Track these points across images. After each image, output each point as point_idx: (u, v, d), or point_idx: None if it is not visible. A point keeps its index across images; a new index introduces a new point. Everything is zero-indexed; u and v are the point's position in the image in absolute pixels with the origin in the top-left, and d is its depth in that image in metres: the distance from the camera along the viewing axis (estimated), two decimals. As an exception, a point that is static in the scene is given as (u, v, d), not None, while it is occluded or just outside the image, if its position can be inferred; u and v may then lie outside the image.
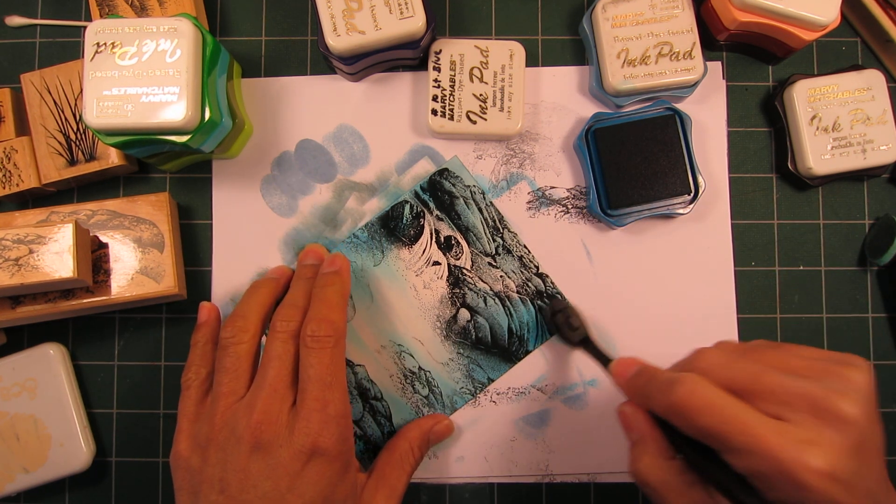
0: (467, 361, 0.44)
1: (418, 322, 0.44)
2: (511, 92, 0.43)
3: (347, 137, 0.45)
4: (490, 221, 0.44)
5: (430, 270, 0.44)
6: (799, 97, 0.43)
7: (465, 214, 0.44)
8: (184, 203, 0.45)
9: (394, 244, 0.44)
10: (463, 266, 0.44)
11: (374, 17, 0.40)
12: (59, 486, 0.44)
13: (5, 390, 0.42)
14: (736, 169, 0.46)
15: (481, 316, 0.44)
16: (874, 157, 0.43)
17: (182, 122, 0.36)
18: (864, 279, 0.46)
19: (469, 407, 0.44)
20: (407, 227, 0.44)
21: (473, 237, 0.44)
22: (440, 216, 0.44)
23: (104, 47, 0.37)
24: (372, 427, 0.43)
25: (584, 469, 0.44)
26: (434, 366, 0.44)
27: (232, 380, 0.36)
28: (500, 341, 0.44)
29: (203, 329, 0.40)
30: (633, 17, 0.43)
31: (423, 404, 0.44)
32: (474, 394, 0.44)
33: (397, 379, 0.44)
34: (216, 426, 0.35)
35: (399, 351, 0.44)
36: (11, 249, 0.37)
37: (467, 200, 0.44)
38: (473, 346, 0.44)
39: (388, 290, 0.44)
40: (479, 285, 0.44)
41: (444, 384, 0.44)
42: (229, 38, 0.46)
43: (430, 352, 0.44)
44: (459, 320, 0.44)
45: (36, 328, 0.45)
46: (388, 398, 0.44)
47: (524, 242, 0.44)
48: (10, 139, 0.42)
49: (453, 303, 0.44)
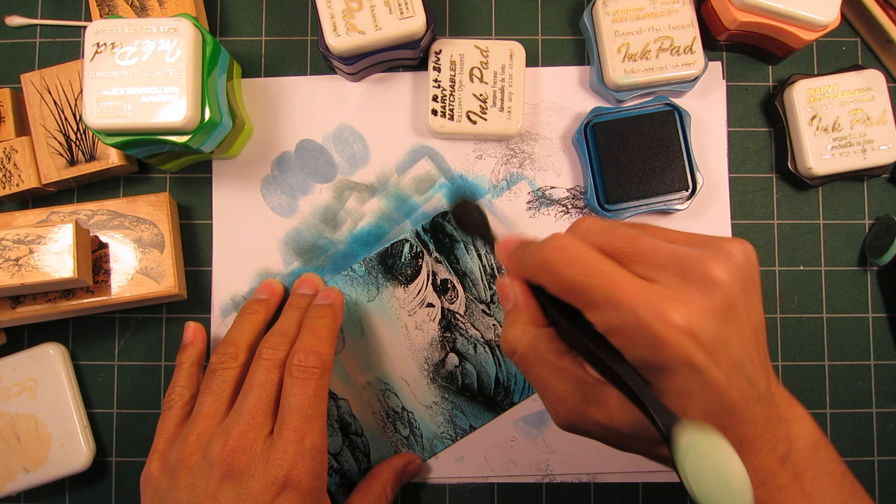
0: (451, 406, 0.44)
1: (406, 362, 0.44)
2: (511, 92, 0.43)
3: (347, 137, 0.45)
4: (488, 269, 0.44)
5: (423, 312, 0.44)
6: (799, 97, 0.43)
7: (463, 259, 0.44)
8: (184, 203, 0.45)
9: (390, 282, 0.44)
10: (456, 311, 0.44)
11: (374, 17, 0.40)
12: (59, 485, 0.44)
13: (5, 390, 0.42)
14: (736, 169, 0.46)
15: (470, 362, 0.44)
16: (874, 157, 0.43)
17: (182, 122, 0.36)
18: (864, 279, 0.46)
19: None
20: (405, 265, 0.44)
21: (470, 283, 0.44)
22: (439, 258, 0.44)
23: (104, 47, 0.37)
24: (349, 462, 0.43)
25: (584, 469, 0.44)
26: (417, 407, 0.44)
27: (214, 401, 0.36)
28: (486, 390, 0.44)
29: (189, 350, 0.40)
30: (633, 11, 0.43)
31: (402, 444, 0.44)
32: (454, 439, 0.44)
33: (380, 417, 0.44)
34: (189, 448, 0.34)
35: (384, 389, 0.44)
36: (11, 249, 0.37)
37: (467, 245, 0.44)
38: (459, 391, 0.44)
39: (380, 326, 0.44)
40: (470, 332, 0.44)
41: (426, 427, 0.44)
42: (229, 38, 0.46)
43: (414, 393, 0.44)
44: (447, 364, 0.44)
45: (36, 328, 0.45)
46: (369, 435, 0.44)
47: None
48: (10, 139, 0.42)
49: (443, 346, 0.44)
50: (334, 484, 0.43)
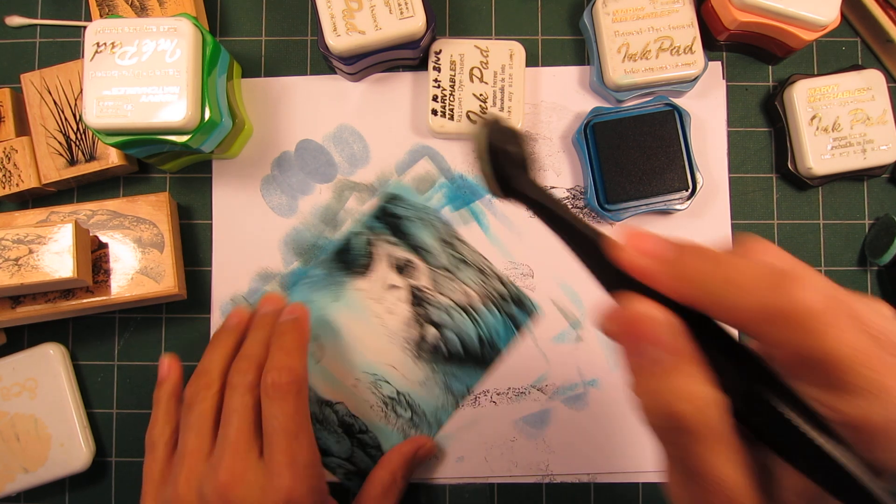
0: (443, 376, 0.44)
1: (388, 348, 0.44)
2: (511, 92, 0.43)
3: (347, 137, 0.45)
4: (442, 236, 0.44)
5: (390, 295, 0.44)
6: (799, 97, 0.43)
7: (416, 233, 0.44)
8: (184, 203, 0.45)
9: (349, 276, 0.44)
10: (422, 285, 0.44)
11: (374, 17, 0.40)
12: (59, 486, 0.44)
13: (5, 390, 0.42)
14: (736, 169, 0.46)
15: (449, 329, 0.44)
16: (874, 157, 0.43)
17: (182, 122, 0.36)
18: (864, 279, 0.46)
19: (469, 407, 0.44)
20: (360, 256, 0.44)
21: (428, 253, 0.44)
22: (392, 241, 0.44)
23: (104, 47, 0.37)
24: (364, 461, 0.43)
25: (584, 469, 0.44)
26: (411, 387, 0.44)
27: (197, 437, 0.35)
28: (471, 350, 0.44)
29: (165, 385, 0.40)
30: (633, 11, 0.43)
31: (408, 426, 0.44)
32: (457, 405, 0.44)
33: (378, 408, 0.44)
34: (181, 490, 0.34)
35: (374, 380, 0.44)
36: (11, 249, 0.37)
37: (417, 217, 0.44)
38: (446, 360, 0.44)
39: (353, 322, 0.44)
40: (441, 300, 0.44)
41: (426, 402, 0.44)
42: (229, 38, 0.46)
43: (404, 375, 0.44)
44: (428, 338, 0.44)
45: (36, 328, 0.45)
46: (374, 428, 0.44)
47: (480, 251, 0.44)
48: (10, 139, 0.42)
49: (419, 322, 0.44)
50: (357, 486, 0.43)
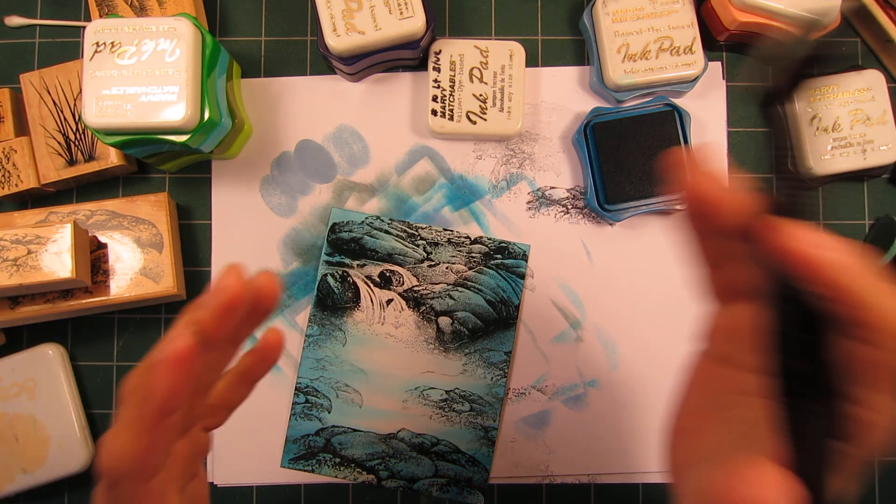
0: (478, 355, 0.44)
1: (415, 357, 0.44)
2: (511, 92, 0.43)
3: (347, 138, 0.45)
4: (401, 234, 0.44)
5: (388, 312, 0.44)
6: (799, 97, 0.43)
7: (378, 245, 0.44)
8: (183, 203, 0.45)
9: (343, 316, 0.44)
10: (411, 286, 0.44)
11: (373, 17, 0.40)
12: (58, 486, 0.44)
13: (4, 391, 0.42)
14: (736, 169, 0.46)
15: (458, 311, 0.44)
16: (874, 158, 0.43)
17: (181, 121, 0.36)
18: (864, 279, 0.46)
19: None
20: (343, 293, 0.44)
21: (399, 256, 0.44)
22: (360, 263, 0.44)
23: (104, 47, 0.37)
24: (452, 469, 0.43)
25: (584, 470, 0.44)
26: (456, 381, 0.44)
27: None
28: (489, 318, 0.44)
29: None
30: (633, 11, 0.43)
31: (473, 417, 0.44)
32: (504, 374, 0.44)
33: (437, 416, 0.44)
34: None
35: (420, 393, 0.44)
36: (10, 250, 0.37)
37: (370, 233, 0.44)
38: (472, 338, 0.44)
39: (371, 353, 0.44)
40: (436, 289, 0.44)
41: (476, 387, 0.44)
42: (229, 38, 0.46)
43: (444, 373, 0.44)
44: (445, 329, 0.44)
45: (35, 328, 0.44)
46: (444, 435, 0.44)
47: (441, 227, 0.44)
48: (9, 139, 0.42)
49: (428, 320, 0.44)
50: (456, 494, 0.43)
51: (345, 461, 0.43)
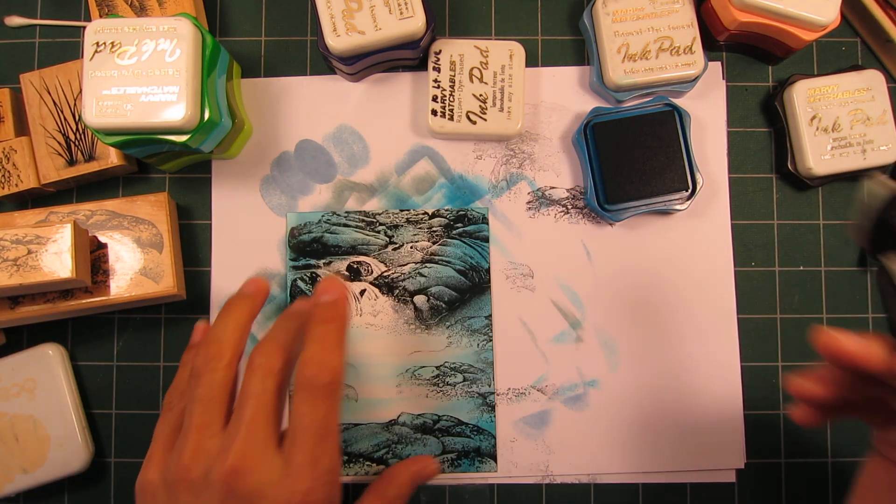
0: (459, 326, 0.44)
1: (399, 341, 0.44)
2: (511, 92, 0.43)
3: (347, 138, 0.45)
4: (360, 224, 0.44)
5: (365, 303, 0.44)
6: (799, 97, 0.43)
7: (339, 240, 0.44)
8: (183, 203, 0.45)
9: None
10: (381, 273, 0.44)
11: (373, 17, 0.40)
12: (58, 486, 0.44)
13: (4, 391, 0.42)
14: (736, 169, 0.46)
15: (431, 287, 0.44)
16: (874, 158, 0.43)
17: (181, 121, 0.36)
18: (864, 279, 0.46)
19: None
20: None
21: (362, 246, 0.44)
22: (326, 261, 0.44)
23: (104, 47, 0.37)
24: (458, 441, 0.44)
25: (584, 469, 0.44)
26: (444, 355, 0.44)
27: (204, 411, 0.32)
28: (462, 288, 0.44)
29: (194, 350, 0.37)
30: (633, 11, 0.43)
31: (468, 386, 0.44)
32: (490, 338, 0.44)
33: (433, 393, 0.44)
34: (185, 464, 0.31)
35: (411, 374, 0.44)
36: (10, 250, 0.37)
37: (329, 230, 0.44)
38: (451, 310, 0.44)
39: (357, 347, 0.44)
40: (405, 270, 0.44)
41: (464, 357, 0.44)
42: (229, 38, 0.46)
43: (431, 350, 0.44)
44: (422, 308, 0.44)
45: (35, 328, 0.44)
46: (444, 410, 0.44)
47: (398, 209, 0.45)
48: (9, 139, 0.42)
49: (404, 302, 0.44)
50: (469, 464, 0.43)
51: (352, 457, 0.43)
